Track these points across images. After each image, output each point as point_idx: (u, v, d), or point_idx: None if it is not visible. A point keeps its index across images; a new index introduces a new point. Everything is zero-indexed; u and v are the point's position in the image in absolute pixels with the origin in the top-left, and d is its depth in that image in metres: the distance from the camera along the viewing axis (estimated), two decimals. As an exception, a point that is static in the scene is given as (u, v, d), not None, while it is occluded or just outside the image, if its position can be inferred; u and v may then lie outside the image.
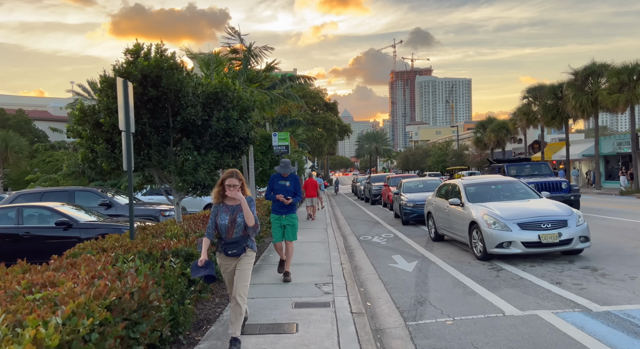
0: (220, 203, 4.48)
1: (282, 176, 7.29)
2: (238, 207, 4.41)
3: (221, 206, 4.46)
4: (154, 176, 8.06)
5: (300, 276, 7.43)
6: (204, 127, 7.77)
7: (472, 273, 7.70)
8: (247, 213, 4.32)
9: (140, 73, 6.84)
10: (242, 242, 4.38)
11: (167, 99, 7.32)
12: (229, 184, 4.32)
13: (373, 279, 7.86)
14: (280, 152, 12.75)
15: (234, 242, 4.36)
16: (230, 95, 8.01)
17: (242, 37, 14.84)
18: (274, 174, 7.62)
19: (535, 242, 7.84)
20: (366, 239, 12.60)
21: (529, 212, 8.33)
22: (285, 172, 7.21)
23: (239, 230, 4.38)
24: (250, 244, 4.48)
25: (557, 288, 6.38)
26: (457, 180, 10.69)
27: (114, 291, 3.01)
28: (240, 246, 4.36)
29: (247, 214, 4.32)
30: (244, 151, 8.38)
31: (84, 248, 5.10)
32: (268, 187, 7.42)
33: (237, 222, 4.37)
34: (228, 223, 4.38)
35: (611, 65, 31.33)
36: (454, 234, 10.01)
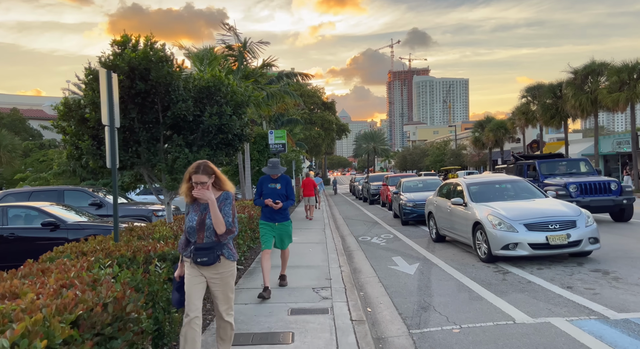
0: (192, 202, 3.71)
1: (272, 178, 6.50)
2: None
3: (192, 205, 3.71)
4: (144, 175, 7.68)
5: (297, 280, 7.06)
6: (196, 123, 7.40)
7: (477, 276, 7.35)
8: (215, 217, 3.48)
9: (127, 65, 6.47)
10: (215, 249, 3.57)
11: (157, 93, 6.95)
12: (196, 181, 3.52)
13: (373, 282, 7.50)
14: (277, 150, 12.41)
15: (206, 248, 3.56)
16: (224, 90, 7.64)
17: (237, 33, 14.47)
18: (262, 176, 6.85)
19: (542, 244, 7.49)
20: (365, 240, 12.24)
21: (535, 212, 7.98)
22: (275, 173, 6.42)
23: (210, 234, 3.59)
24: (226, 252, 3.65)
25: (569, 293, 6.03)
26: (460, 179, 10.34)
27: (82, 304, 2.64)
28: (213, 254, 3.55)
29: (216, 218, 3.49)
30: (238, 149, 8.01)
31: (62, 251, 4.72)
32: (256, 192, 6.61)
33: (207, 225, 3.56)
34: (196, 225, 3.59)
35: (611, 64, 31.08)
36: (456, 235, 9.67)
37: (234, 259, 3.73)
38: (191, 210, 3.69)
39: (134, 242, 5.04)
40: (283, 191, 6.46)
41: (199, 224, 3.59)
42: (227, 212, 3.59)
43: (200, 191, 3.49)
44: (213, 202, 3.49)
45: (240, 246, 8.00)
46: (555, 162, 15.13)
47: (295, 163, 26.79)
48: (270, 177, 6.50)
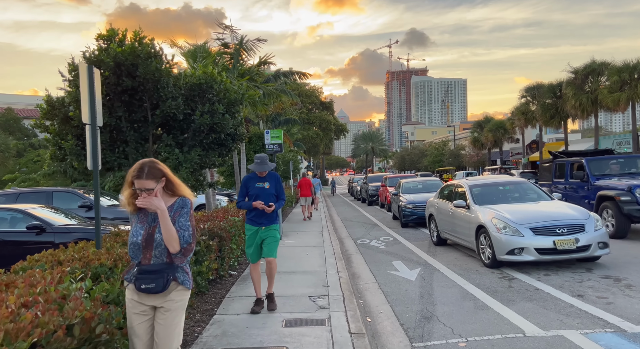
0: (137, 211, 2.90)
1: (259, 176, 5.67)
2: None
3: (138, 214, 2.90)
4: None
5: (293, 287, 6.71)
6: (187, 122, 7.05)
7: (481, 282, 7.02)
8: (167, 230, 2.72)
9: (113, 61, 6.12)
10: (165, 272, 2.76)
11: (145, 91, 6.60)
12: (140, 187, 2.74)
13: (373, 289, 7.16)
14: (273, 150, 12.06)
15: (153, 271, 2.75)
16: (217, 87, 7.30)
17: (233, 30, 14.10)
18: (247, 174, 6.00)
19: (550, 249, 7.16)
20: (364, 243, 11.90)
21: (542, 215, 7.65)
22: (263, 170, 5.59)
23: (160, 253, 2.80)
24: (180, 276, 2.84)
25: (580, 302, 5.69)
26: (462, 180, 10.01)
27: (41, 328, 2.29)
28: (162, 278, 2.74)
29: (167, 232, 2.72)
30: (232, 149, 7.67)
31: (37, 260, 4.37)
32: (240, 192, 5.72)
33: (156, 241, 2.78)
34: (142, 241, 2.80)
35: (611, 63, 30.83)
36: (458, 238, 9.33)
37: (189, 285, 2.89)
38: (136, 221, 2.89)
39: (116, 250, 4.69)
40: (272, 190, 5.67)
41: (146, 240, 2.80)
42: (184, 225, 2.80)
43: (146, 199, 2.73)
44: (164, 211, 2.73)
45: (234, 250, 7.65)
46: (606, 160, 12.20)
47: (292, 163, 26.45)
48: (257, 175, 5.66)
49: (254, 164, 5.64)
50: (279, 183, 5.74)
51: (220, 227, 7.00)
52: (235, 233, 7.67)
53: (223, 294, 6.39)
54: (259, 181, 5.66)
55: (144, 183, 2.74)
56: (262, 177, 5.67)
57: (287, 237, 12.38)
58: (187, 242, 2.80)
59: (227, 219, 8.15)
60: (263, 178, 5.67)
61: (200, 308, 5.72)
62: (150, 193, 2.76)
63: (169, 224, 2.74)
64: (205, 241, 6.14)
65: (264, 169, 5.60)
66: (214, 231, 6.79)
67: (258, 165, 5.62)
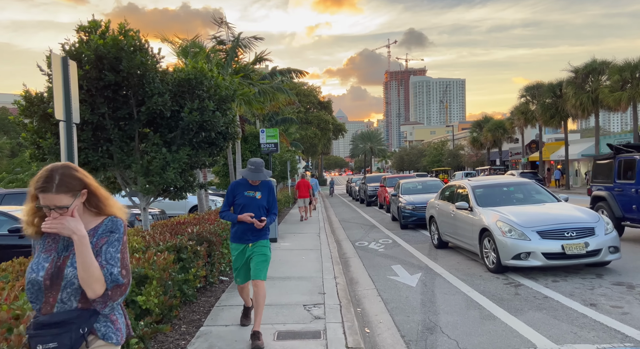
0: (42, 235, 2.01)
1: (250, 184, 4.81)
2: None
3: (44, 239, 2.02)
4: (117, 177, 6.93)
5: (287, 294, 6.33)
6: (175, 119, 6.66)
7: (486, 289, 6.65)
8: (84, 264, 1.85)
9: (94, 53, 5.72)
10: (75, 323, 1.87)
11: (130, 86, 6.21)
12: (47, 204, 1.87)
13: (371, 296, 6.78)
14: (268, 150, 11.66)
15: (57, 323, 1.85)
16: (207, 83, 6.90)
17: (229, 26, 13.69)
18: (235, 180, 5.10)
19: (558, 254, 6.79)
20: (362, 246, 11.53)
21: (549, 218, 7.29)
22: (257, 179, 4.73)
23: (70, 295, 1.91)
24: (102, 327, 1.97)
25: (594, 312, 5.32)
26: (464, 181, 9.64)
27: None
28: (69, 334, 1.85)
29: (85, 267, 1.85)
30: (223, 148, 7.28)
31: (4, 269, 3.99)
32: (225, 200, 4.89)
33: (66, 278, 1.91)
34: (45, 278, 1.91)
35: (612, 62, 30.52)
36: (460, 241, 8.96)
37: (116, 340, 1.99)
38: (40, 249, 2.00)
39: (91, 258, 4.30)
40: (264, 201, 4.79)
41: (51, 277, 1.91)
42: (112, 257, 1.94)
43: (56, 221, 1.87)
44: (82, 238, 1.87)
45: (225, 255, 7.27)
46: None
47: (290, 164, 26.07)
48: (249, 182, 4.81)
49: (247, 171, 4.77)
50: (272, 194, 4.89)
51: (210, 231, 6.61)
52: (226, 237, 7.29)
53: (212, 303, 6.00)
54: (249, 189, 4.80)
55: (54, 199, 1.86)
56: (254, 185, 4.82)
57: (283, 239, 12.00)
58: (115, 282, 1.91)
59: (218, 222, 7.77)
60: (255, 186, 4.83)
61: (186, 319, 5.34)
62: (64, 212, 1.88)
63: (89, 255, 1.86)
64: (192, 246, 5.76)
65: (258, 177, 4.72)
66: (202, 235, 6.40)
67: (252, 172, 4.73)
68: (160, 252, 4.83)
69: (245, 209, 4.70)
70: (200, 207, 11.63)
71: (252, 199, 4.76)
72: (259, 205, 4.76)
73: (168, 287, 4.56)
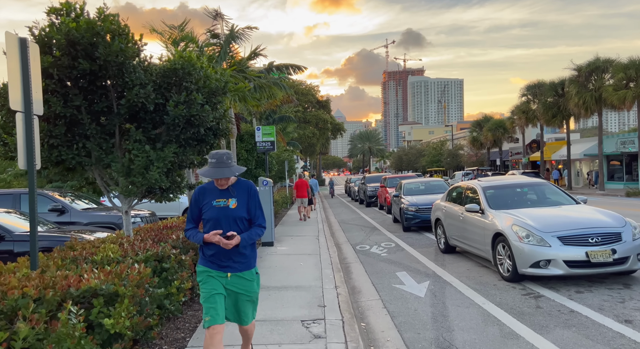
0: None
1: (219, 188, 3.46)
2: None
3: None
4: (95, 177, 6.29)
5: (284, 308, 5.70)
6: (160, 114, 6.03)
7: (503, 301, 6.03)
8: None
9: (65, 38, 5.08)
10: None
11: (108, 76, 5.57)
12: None
13: (376, 308, 6.16)
14: (264, 149, 11.04)
15: None
16: (196, 74, 6.26)
17: (224, 18, 13.00)
18: (200, 184, 4.00)
19: (582, 262, 6.17)
20: (363, 250, 10.91)
21: (570, 222, 6.67)
22: (220, 176, 3.33)
23: None
24: None
25: (631, 330, 4.70)
26: (474, 181, 9.03)
27: None
28: None
29: None
30: (213, 145, 6.64)
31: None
32: (189, 214, 3.55)
33: None
34: None
35: (616, 60, 29.97)
36: (470, 247, 8.34)
37: None
38: None
39: (52, 272, 3.67)
40: (242, 211, 3.43)
41: None
42: None
43: None
44: None
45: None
46: None
47: (288, 163, 25.45)
48: (216, 185, 3.46)
49: (208, 167, 3.37)
50: (253, 198, 3.51)
51: (198, 237, 5.97)
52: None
53: (200, 317, 5.36)
54: (219, 196, 3.43)
55: None
56: (223, 190, 3.44)
57: (281, 243, 11.38)
58: None
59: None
60: (226, 191, 3.44)
61: (169, 337, 4.71)
62: None
63: None
64: (176, 255, 5.13)
65: (223, 174, 3.29)
66: (189, 242, 5.77)
67: (214, 168, 3.32)
68: (137, 264, 4.20)
69: (216, 224, 3.37)
70: (192, 209, 11.00)
71: (224, 210, 3.39)
72: (236, 217, 3.39)
73: (144, 305, 3.92)
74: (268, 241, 10.82)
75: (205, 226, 3.48)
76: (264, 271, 7.99)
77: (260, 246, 10.82)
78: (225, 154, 3.36)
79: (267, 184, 11.05)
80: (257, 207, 3.53)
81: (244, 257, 3.48)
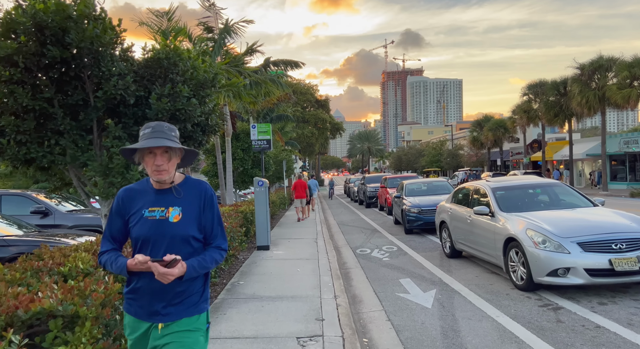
0: None
1: (156, 190, 2.29)
2: None
3: None
4: (72, 177, 5.74)
5: (278, 322, 5.15)
6: (142, 108, 5.49)
7: (518, 313, 5.49)
8: None
9: (31, 21, 4.53)
10: None
11: (83, 65, 5.03)
12: None
13: (379, 320, 5.62)
14: (261, 147, 10.51)
15: None
16: (182, 65, 5.72)
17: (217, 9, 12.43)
18: (126, 185, 2.80)
19: (605, 270, 5.64)
20: (364, 254, 10.37)
21: (590, 226, 6.14)
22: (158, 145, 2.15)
23: None
24: None
25: (670, 351, 4.17)
26: (482, 182, 8.49)
27: None
28: None
29: None
30: (202, 143, 6.10)
31: None
32: (106, 230, 2.38)
33: None
34: None
35: (620, 58, 29.47)
36: (478, 251, 7.81)
37: None
38: None
39: (0, 289, 3.11)
40: (190, 227, 2.26)
41: None
42: None
43: None
44: None
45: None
46: None
47: (286, 163, 24.91)
48: (152, 186, 2.31)
49: (141, 139, 2.23)
50: (210, 208, 2.32)
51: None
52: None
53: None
54: (154, 202, 2.27)
55: None
56: (163, 192, 2.28)
57: (277, 246, 10.84)
58: None
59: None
60: (166, 195, 2.27)
61: None
62: None
63: None
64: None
65: (161, 142, 2.16)
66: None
67: (151, 138, 2.18)
68: (106, 277, 3.65)
69: (148, 247, 2.23)
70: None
71: (160, 224, 2.21)
72: (179, 235, 2.22)
73: (113, 326, 3.37)
74: (263, 244, 10.27)
75: (133, 246, 2.30)
76: (259, 277, 7.46)
77: (255, 249, 10.28)
78: (168, 126, 2.25)
79: (263, 184, 10.50)
80: (216, 221, 2.33)
81: (188, 297, 2.23)
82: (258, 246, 10.27)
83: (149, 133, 2.21)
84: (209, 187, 2.41)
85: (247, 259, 9.16)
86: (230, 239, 7.91)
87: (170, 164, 2.25)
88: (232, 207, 11.14)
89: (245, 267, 8.39)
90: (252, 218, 11.08)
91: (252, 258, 9.30)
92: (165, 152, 2.22)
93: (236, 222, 8.91)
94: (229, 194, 13.83)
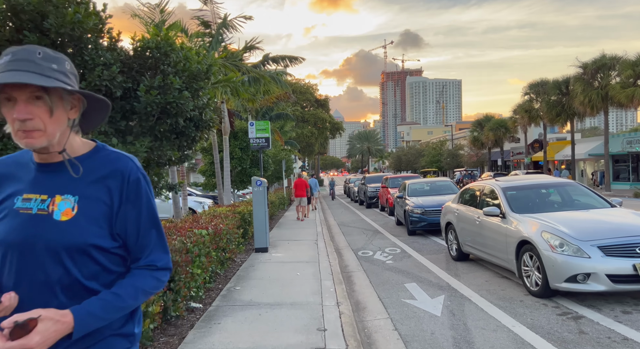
0: None
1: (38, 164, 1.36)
2: None
3: None
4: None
5: (276, 332, 4.75)
6: (131, 101, 5.08)
7: (536, 322, 5.09)
8: None
9: (5, 4, 4.13)
10: None
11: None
12: None
13: (385, 330, 5.22)
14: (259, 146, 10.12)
15: None
16: (174, 56, 5.32)
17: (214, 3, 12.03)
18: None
19: (629, 276, 5.25)
20: (366, 256, 9.97)
21: (611, 229, 5.75)
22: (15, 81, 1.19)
23: None
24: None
25: None
26: (491, 181, 8.10)
27: None
28: None
29: None
30: (196, 139, 5.70)
31: None
32: None
33: None
34: None
35: (623, 57, 29.10)
36: (488, 255, 7.42)
37: None
38: None
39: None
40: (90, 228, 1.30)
41: None
42: None
43: None
44: None
45: (196, 277, 5.66)
46: None
47: (285, 163, 24.51)
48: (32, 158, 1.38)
49: None
50: (134, 196, 1.38)
51: (174, 248, 5.02)
52: (200, 253, 5.70)
53: (175, 344, 4.43)
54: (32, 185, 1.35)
55: None
56: (46, 165, 1.36)
57: (276, 248, 10.44)
58: None
59: (191, 232, 6.17)
60: (53, 171, 1.35)
61: (166, 330, 3.77)
62: None
63: None
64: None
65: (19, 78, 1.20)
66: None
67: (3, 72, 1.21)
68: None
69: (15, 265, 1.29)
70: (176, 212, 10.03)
71: (36, 221, 1.30)
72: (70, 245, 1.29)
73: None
74: (262, 246, 9.87)
75: None
76: (256, 282, 7.06)
77: (253, 251, 9.87)
78: (45, 52, 1.30)
79: (261, 184, 10.10)
80: (147, 222, 1.41)
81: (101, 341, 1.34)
82: (256, 248, 9.87)
83: (4, 64, 1.24)
84: (133, 165, 1.42)
85: (244, 262, 8.76)
86: (226, 241, 7.50)
87: (52, 120, 1.28)
88: (229, 207, 10.74)
89: (242, 271, 7.99)
90: (250, 219, 10.68)
91: (249, 261, 8.90)
92: (36, 99, 1.26)
93: (233, 223, 8.52)
94: (226, 194, 13.43)
